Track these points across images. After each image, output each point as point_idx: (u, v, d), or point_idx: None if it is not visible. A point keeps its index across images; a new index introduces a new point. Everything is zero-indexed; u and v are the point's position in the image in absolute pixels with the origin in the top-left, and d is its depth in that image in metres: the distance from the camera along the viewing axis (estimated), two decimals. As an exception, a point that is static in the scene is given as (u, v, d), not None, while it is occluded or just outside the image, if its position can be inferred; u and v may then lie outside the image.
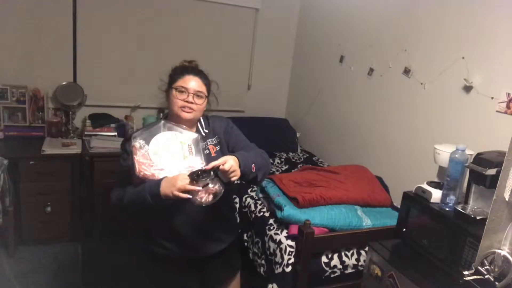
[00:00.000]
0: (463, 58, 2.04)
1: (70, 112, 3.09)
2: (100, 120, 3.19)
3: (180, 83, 1.51)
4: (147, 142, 1.36)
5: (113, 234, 3.02)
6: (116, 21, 3.19)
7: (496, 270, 1.18)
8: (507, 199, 1.14)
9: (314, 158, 3.29)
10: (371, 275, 1.74)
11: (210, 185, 1.30)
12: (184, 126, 1.46)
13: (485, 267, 1.20)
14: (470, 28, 2.03)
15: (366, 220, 2.05)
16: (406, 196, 1.79)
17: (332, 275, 1.97)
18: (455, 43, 2.10)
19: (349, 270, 2.00)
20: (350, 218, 2.02)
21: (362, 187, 2.27)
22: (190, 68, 1.57)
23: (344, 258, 1.99)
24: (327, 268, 1.95)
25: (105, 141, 2.99)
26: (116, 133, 3.18)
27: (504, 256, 1.17)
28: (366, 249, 1.92)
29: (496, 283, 1.17)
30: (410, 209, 1.75)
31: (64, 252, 2.78)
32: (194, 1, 3.38)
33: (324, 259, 1.95)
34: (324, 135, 3.35)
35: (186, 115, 1.49)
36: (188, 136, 1.43)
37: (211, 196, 1.31)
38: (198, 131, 1.58)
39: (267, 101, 3.90)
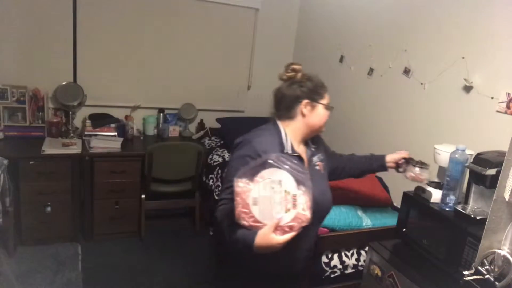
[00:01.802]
0: (463, 58, 2.04)
1: (70, 112, 3.09)
2: (100, 120, 3.19)
3: (327, 101, 1.49)
4: (250, 179, 1.21)
5: (113, 234, 3.02)
6: (116, 21, 3.19)
7: (496, 270, 1.18)
8: (507, 199, 1.14)
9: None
10: (371, 275, 1.74)
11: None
12: (296, 159, 1.28)
13: (485, 267, 1.20)
14: (470, 28, 2.02)
15: (366, 220, 2.05)
16: (406, 196, 1.79)
17: (332, 275, 1.97)
18: (455, 43, 2.10)
19: (349, 270, 2.00)
20: (350, 218, 2.02)
21: (362, 187, 2.27)
22: (324, 84, 1.52)
23: (344, 258, 1.99)
24: (327, 268, 1.95)
25: (105, 141, 2.99)
26: (116, 133, 3.18)
27: (504, 256, 1.17)
28: (366, 249, 1.92)
29: (496, 283, 1.17)
30: (410, 209, 1.75)
31: (64, 252, 2.78)
32: (194, 1, 3.38)
33: (324, 259, 1.95)
34: (324, 135, 3.34)
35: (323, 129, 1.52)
36: (297, 179, 1.22)
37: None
38: (308, 145, 1.53)
39: (267, 101, 3.87)
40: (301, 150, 1.47)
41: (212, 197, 2.93)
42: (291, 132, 1.46)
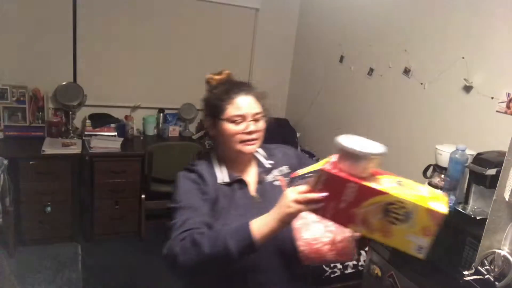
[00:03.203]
0: (463, 58, 2.04)
1: (70, 112, 3.09)
2: (100, 120, 3.19)
3: (232, 110, 1.17)
4: None
5: (112, 234, 3.02)
6: (116, 21, 3.19)
7: (496, 270, 1.18)
8: (507, 199, 1.14)
9: (314, 158, 3.29)
10: (371, 275, 1.74)
11: None
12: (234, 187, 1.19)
13: (485, 267, 1.20)
14: (470, 28, 2.02)
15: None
16: (406, 196, 1.79)
17: (332, 275, 1.97)
18: (455, 43, 2.10)
19: (349, 270, 2.00)
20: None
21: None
22: (236, 86, 1.23)
23: (344, 258, 1.99)
24: (327, 268, 1.95)
25: (105, 141, 2.99)
26: (116, 133, 3.18)
27: (504, 256, 1.17)
28: (366, 249, 1.92)
29: (496, 283, 1.17)
30: (410, 209, 1.75)
31: (64, 252, 2.78)
32: (194, 1, 3.38)
33: (324, 259, 1.95)
34: (324, 135, 3.35)
35: (250, 149, 1.19)
36: None
37: None
38: (260, 165, 1.28)
39: (267, 101, 3.89)
40: (249, 172, 1.26)
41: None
42: (222, 158, 1.26)
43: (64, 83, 3.06)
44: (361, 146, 0.84)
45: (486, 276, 1.19)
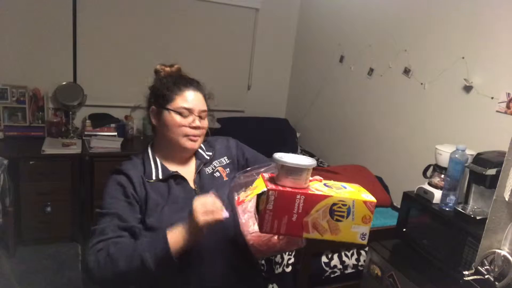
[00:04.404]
0: (463, 58, 2.04)
1: (70, 112, 3.09)
2: (100, 120, 3.19)
3: (180, 102, 1.17)
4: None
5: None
6: (116, 21, 3.19)
7: (496, 270, 1.18)
8: (507, 199, 1.14)
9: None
10: (371, 275, 1.74)
11: None
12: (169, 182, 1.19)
13: (485, 267, 1.20)
14: (470, 28, 2.03)
15: (366, 220, 2.05)
16: (406, 196, 1.79)
17: (332, 275, 1.97)
18: (455, 43, 2.10)
19: (349, 270, 2.00)
20: (350, 218, 2.02)
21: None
22: (186, 80, 1.23)
23: (344, 258, 1.99)
24: (327, 268, 1.95)
25: (105, 141, 2.98)
26: (116, 133, 3.18)
27: (504, 256, 1.17)
28: (366, 249, 1.92)
29: (496, 283, 1.17)
30: (410, 209, 1.76)
31: (64, 252, 2.78)
32: (194, 1, 3.38)
33: (324, 259, 1.95)
34: (324, 135, 3.35)
35: (192, 145, 1.19)
36: None
37: None
38: (199, 157, 1.27)
39: (267, 101, 3.90)
40: (187, 164, 1.26)
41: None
42: (158, 150, 1.24)
43: (64, 83, 3.06)
44: (297, 160, 0.95)
45: (486, 276, 1.19)
